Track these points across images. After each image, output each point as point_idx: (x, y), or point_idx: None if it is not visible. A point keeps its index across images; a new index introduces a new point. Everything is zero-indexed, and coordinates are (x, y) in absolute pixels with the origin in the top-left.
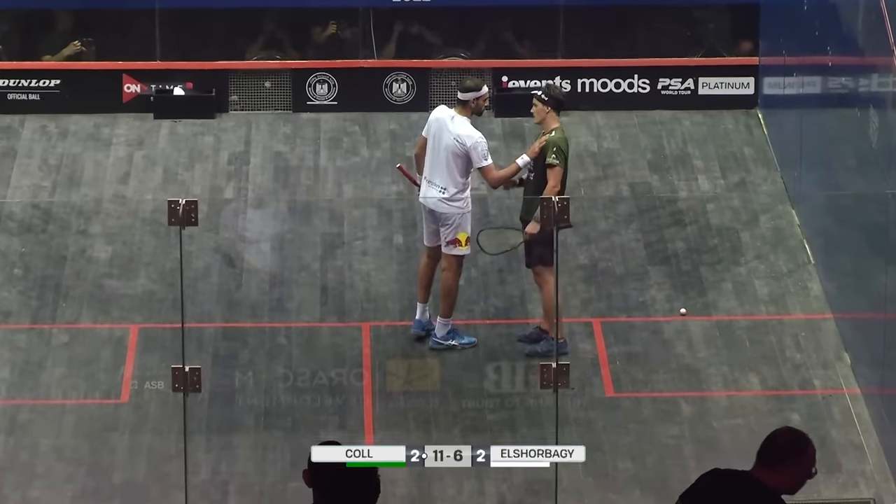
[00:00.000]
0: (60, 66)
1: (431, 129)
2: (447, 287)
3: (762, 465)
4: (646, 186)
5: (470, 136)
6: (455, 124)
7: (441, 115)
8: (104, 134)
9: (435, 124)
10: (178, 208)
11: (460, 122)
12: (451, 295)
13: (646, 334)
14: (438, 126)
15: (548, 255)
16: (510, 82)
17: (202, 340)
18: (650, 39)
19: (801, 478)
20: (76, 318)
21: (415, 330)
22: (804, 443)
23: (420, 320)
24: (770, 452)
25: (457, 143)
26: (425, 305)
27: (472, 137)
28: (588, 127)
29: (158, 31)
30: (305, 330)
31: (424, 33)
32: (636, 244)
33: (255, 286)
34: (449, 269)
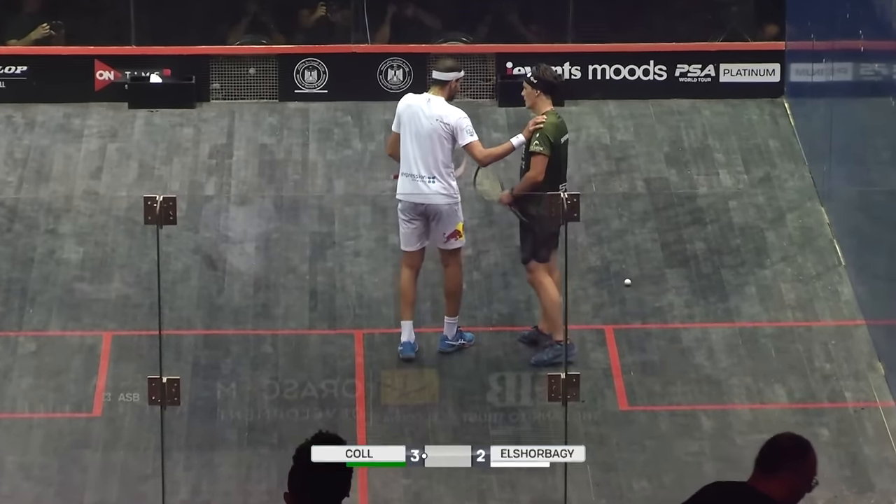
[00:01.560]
0: (27, 52)
1: (403, 121)
2: (456, 284)
3: (761, 471)
4: (662, 182)
5: (452, 113)
6: (433, 106)
7: (412, 101)
8: (75, 125)
9: (406, 113)
10: (155, 206)
11: (439, 102)
12: (460, 291)
13: (662, 342)
14: (412, 114)
15: (543, 251)
16: (515, 69)
17: (181, 349)
18: (667, 22)
19: (800, 487)
20: (44, 325)
21: (407, 353)
22: (805, 449)
23: (409, 342)
24: (770, 457)
25: (441, 124)
26: (412, 322)
27: (456, 114)
28: (600, 117)
29: (133, 14)
30: (293, 338)
31: (421, 15)
32: (652, 245)
33: (239, 290)
34: (455, 264)
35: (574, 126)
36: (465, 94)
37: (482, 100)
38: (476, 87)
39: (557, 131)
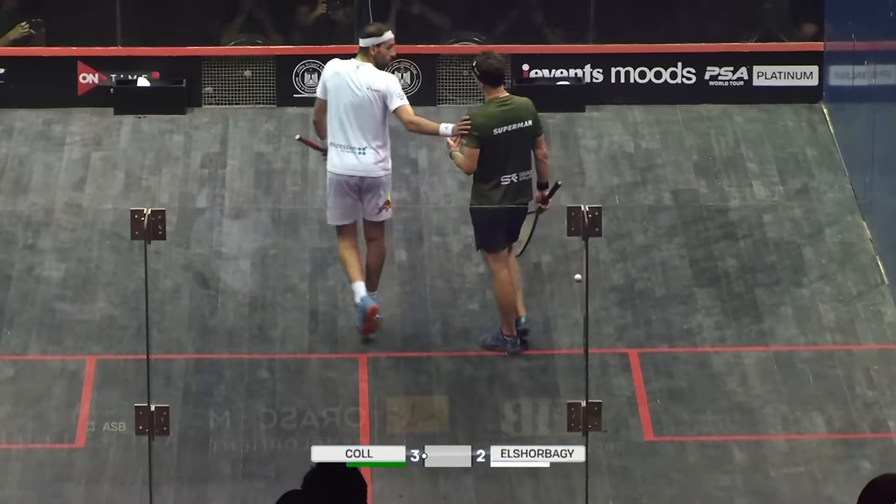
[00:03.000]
0: (4, 53)
1: (329, 88)
2: (380, 259)
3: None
4: (691, 194)
5: (381, 77)
6: (362, 73)
7: (339, 68)
8: (56, 132)
9: (333, 80)
10: (143, 219)
11: (367, 69)
12: (382, 266)
13: (691, 367)
14: (339, 82)
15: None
16: (532, 71)
17: (171, 374)
18: (697, 21)
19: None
20: (23, 349)
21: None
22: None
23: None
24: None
25: (370, 91)
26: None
27: (385, 78)
28: (624, 124)
29: (119, 12)
30: (291, 362)
31: (428, 13)
32: (680, 261)
33: (233, 310)
34: (381, 236)
35: (596, 133)
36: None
37: None
38: None
39: (490, 122)
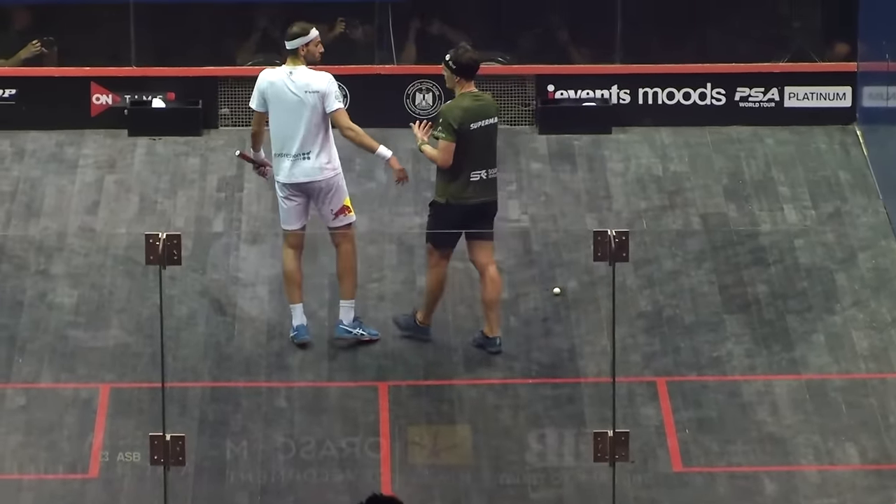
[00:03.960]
0: (16, 73)
1: (268, 97)
2: (351, 263)
3: None
4: (721, 218)
5: (320, 78)
6: (298, 76)
7: (272, 77)
8: (68, 154)
9: (270, 90)
10: (158, 244)
11: (302, 71)
12: (355, 271)
13: (721, 396)
14: (276, 90)
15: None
16: (557, 92)
17: (186, 403)
18: (726, 41)
19: None
20: (35, 377)
21: (303, 338)
22: None
23: (303, 325)
24: None
25: (309, 94)
26: (302, 305)
27: (324, 79)
28: (651, 146)
29: (133, 31)
30: (310, 390)
31: (449, 33)
32: (709, 288)
33: (250, 337)
34: (346, 240)
35: (623, 155)
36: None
37: (520, 126)
38: (513, 112)
39: (467, 116)
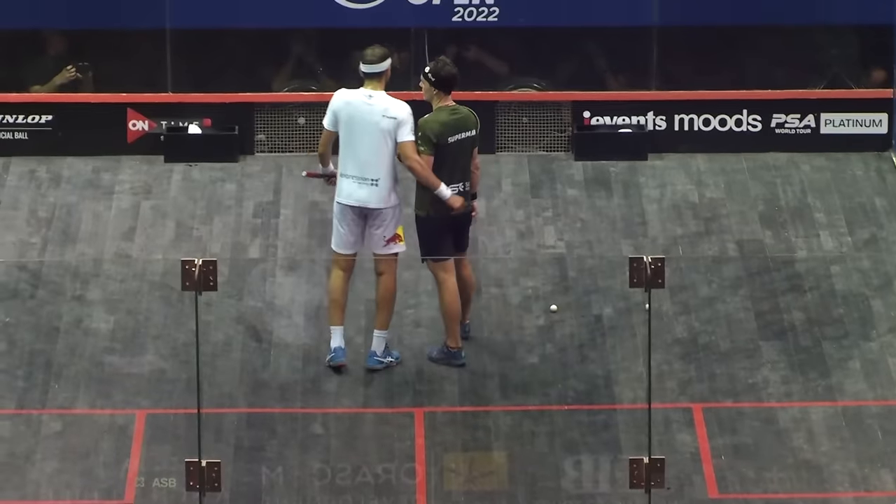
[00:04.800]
0: (52, 99)
1: (342, 119)
2: (390, 294)
3: None
4: (757, 245)
5: (400, 107)
6: (377, 101)
7: (349, 97)
8: (105, 180)
9: (346, 110)
10: (194, 270)
11: (381, 96)
12: (393, 303)
13: (757, 423)
14: (352, 111)
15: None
16: (593, 118)
17: (222, 429)
18: (762, 67)
19: None
20: (71, 403)
21: (339, 360)
22: None
23: (341, 347)
24: None
25: (386, 118)
26: (342, 328)
27: (404, 108)
28: (687, 172)
29: (170, 57)
30: (346, 417)
31: (485, 59)
32: (745, 314)
33: (286, 364)
34: (389, 271)
35: (659, 182)
36: (537, 146)
37: (556, 152)
38: (549, 139)
39: (445, 130)
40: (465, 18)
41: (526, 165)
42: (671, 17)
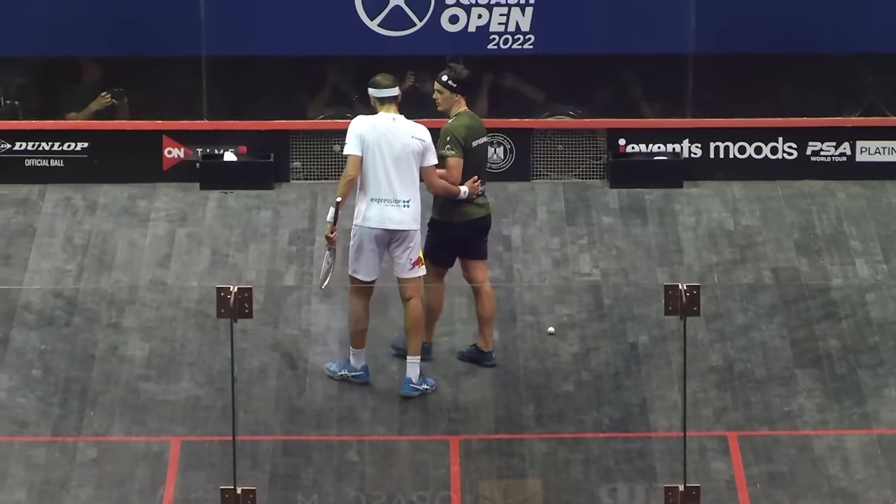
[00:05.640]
0: (88, 126)
1: (370, 143)
2: (419, 318)
3: None
4: (792, 272)
5: (423, 130)
6: (402, 124)
7: (376, 122)
8: (140, 207)
9: (373, 135)
10: (229, 297)
11: (404, 120)
12: (422, 327)
13: (792, 451)
14: (378, 134)
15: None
16: (629, 146)
17: (257, 456)
18: (798, 95)
19: None
20: (106, 430)
21: (364, 378)
22: None
23: (367, 366)
24: None
25: (415, 139)
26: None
27: (426, 131)
28: (722, 200)
29: (205, 84)
30: (381, 444)
31: (521, 87)
32: (780, 342)
33: (321, 391)
34: (417, 295)
35: (694, 209)
36: (572, 173)
37: (591, 180)
38: (585, 166)
39: (470, 133)
40: (500, 46)
41: (561, 193)
42: (707, 46)
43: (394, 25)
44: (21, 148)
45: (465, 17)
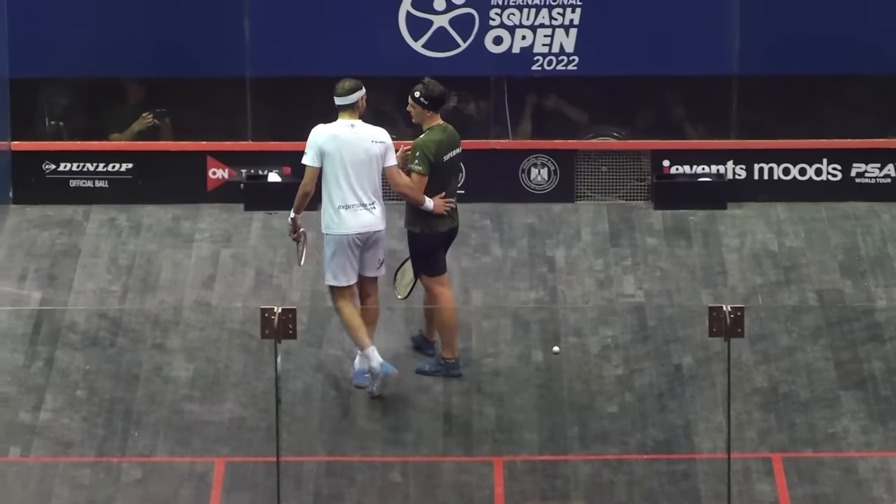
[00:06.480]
0: (132, 147)
1: (329, 152)
2: (376, 313)
3: None
4: (836, 294)
5: (381, 131)
6: (361, 129)
7: (333, 131)
8: (185, 228)
9: (333, 144)
10: (274, 318)
11: (363, 124)
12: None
13: (836, 473)
14: (340, 143)
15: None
16: (673, 167)
17: (301, 477)
18: (842, 116)
19: None
20: (150, 450)
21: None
22: None
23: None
24: None
25: (375, 143)
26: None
27: (385, 132)
28: (767, 221)
29: (250, 105)
30: (425, 465)
31: (564, 108)
32: (825, 364)
33: (365, 412)
34: (374, 292)
35: (738, 231)
36: (616, 194)
37: (635, 201)
38: (629, 187)
39: (441, 148)
40: (544, 67)
41: (605, 214)
42: (751, 67)
43: (438, 46)
44: (66, 169)
45: (510, 38)
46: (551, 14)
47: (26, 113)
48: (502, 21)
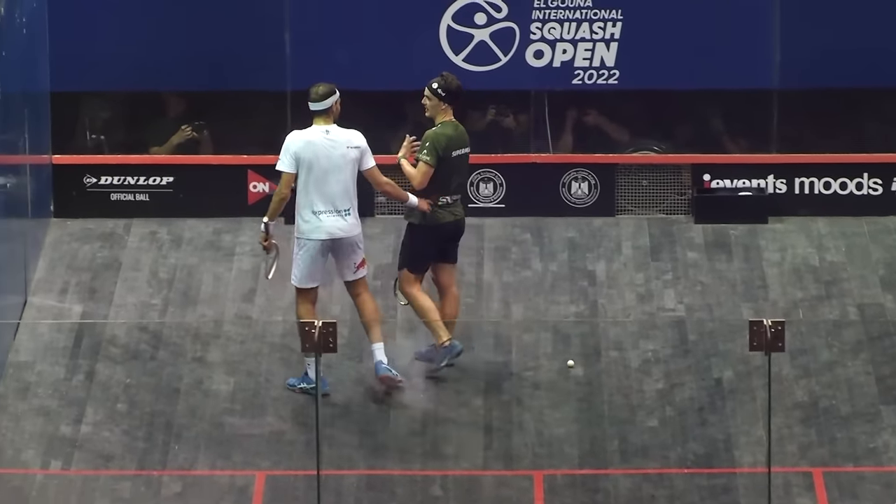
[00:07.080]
0: (173, 161)
1: (305, 158)
2: (374, 309)
3: None
4: (877, 309)
5: (357, 135)
6: (336, 135)
7: (308, 137)
8: (225, 242)
9: (309, 150)
10: (313, 332)
11: (338, 129)
12: (379, 317)
13: (877, 487)
14: (316, 149)
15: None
16: (713, 181)
17: (341, 491)
18: (883, 129)
19: None
20: (191, 464)
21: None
22: None
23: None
24: None
25: (350, 149)
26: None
27: (360, 136)
28: (807, 236)
29: (290, 118)
30: (465, 479)
31: (603, 124)
32: (866, 378)
33: (405, 426)
34: (366, 290)
35: (779, 245)
36: (657, 209)
37: (676, 215)
38: (669, 202)
39: (451, 143)
40: (584, 81)
41: (646, 228)
42: (792, 81)
43: (478, 61)
44: (107, 182)
45: (550, 52)
46: (592, 28)
47: (67, 127)
48: (543, 35)
